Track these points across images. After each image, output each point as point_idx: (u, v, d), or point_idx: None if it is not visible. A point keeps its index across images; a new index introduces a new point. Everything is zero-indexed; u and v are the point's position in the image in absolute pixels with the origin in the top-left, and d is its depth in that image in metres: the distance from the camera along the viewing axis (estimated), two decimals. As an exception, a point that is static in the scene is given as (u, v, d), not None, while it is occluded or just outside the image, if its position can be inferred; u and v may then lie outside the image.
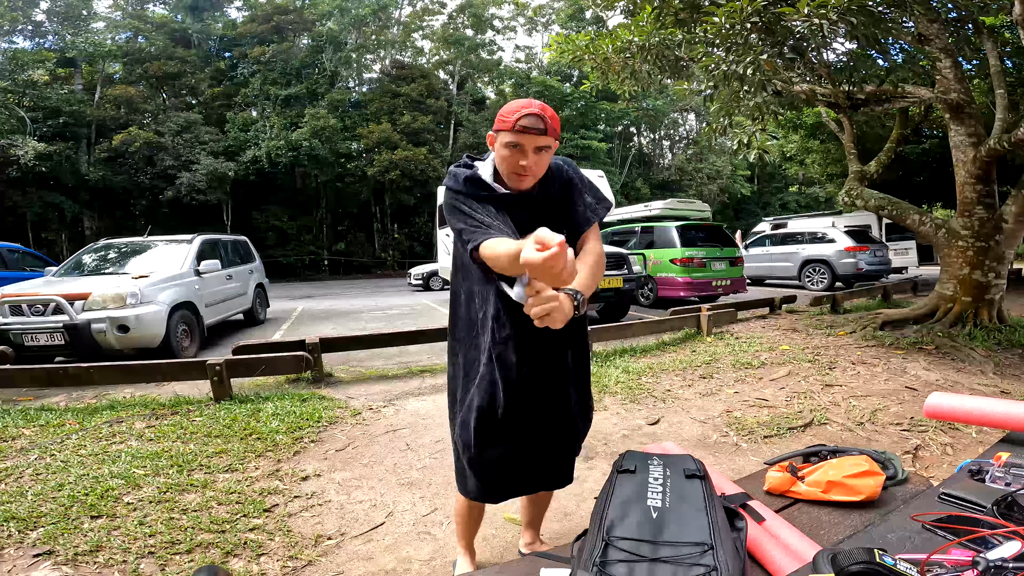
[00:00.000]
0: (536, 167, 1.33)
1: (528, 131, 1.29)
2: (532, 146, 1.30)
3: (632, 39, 4.73)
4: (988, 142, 4.84)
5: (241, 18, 25.92)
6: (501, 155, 1.34)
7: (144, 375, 3.86)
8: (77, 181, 19.64)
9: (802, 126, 11.36)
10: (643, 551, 0.89)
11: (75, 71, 21.14)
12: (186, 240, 6.44)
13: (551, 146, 1.34)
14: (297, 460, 2.63)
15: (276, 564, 1.79)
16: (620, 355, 4.81)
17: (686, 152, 32.75)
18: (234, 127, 21.80)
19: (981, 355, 4.41)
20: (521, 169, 1.32)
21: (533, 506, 1.77)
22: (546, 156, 1.34)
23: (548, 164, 1.39)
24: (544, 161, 1.35)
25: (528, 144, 1.30)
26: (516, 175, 1.35)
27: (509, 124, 1.29)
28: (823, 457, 1.40)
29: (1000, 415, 1.28)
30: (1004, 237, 4.95)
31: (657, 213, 10.58)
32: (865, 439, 2.87)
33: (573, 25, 27.71)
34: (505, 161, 1.34)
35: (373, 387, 4.07)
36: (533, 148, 1.30)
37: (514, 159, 1.32)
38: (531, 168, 1.32)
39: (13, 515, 2.00)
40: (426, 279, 14.19)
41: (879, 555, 0.77)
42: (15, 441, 2.84)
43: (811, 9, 3.42)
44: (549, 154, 1.35)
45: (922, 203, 13.18)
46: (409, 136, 22.53)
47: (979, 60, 6.75)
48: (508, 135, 1.30)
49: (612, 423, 3.15)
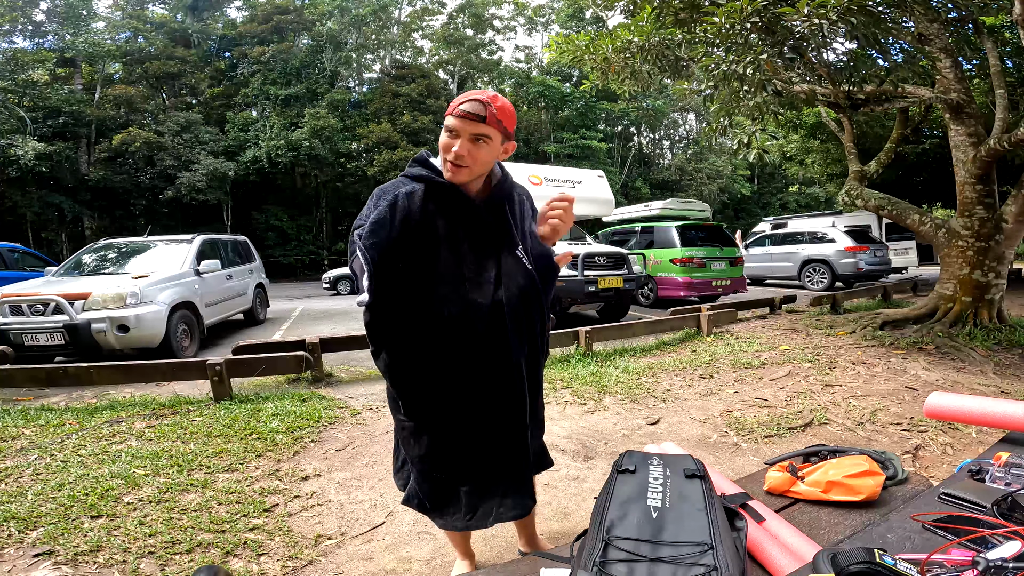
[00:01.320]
0: (469, 157, 1.24)
1: (467, 117, 1.22)
2: (468, 133, 1.23)
3: (632, 39, 4.73)
4: (988, 142, 4.84)
5: (241, 18, 25.92)
6: (440, 142, 1.28)
7: (144, 375, 3.85)
8: (77, 181, 19.64)
9: (802, 126, 11.35)
10: (643, 551, 0.89)
11: (75, 71, 21.14)
12: (186, 240, 6.44)
13: (490, 136, 1.25)
14: (297, 460, 2.63)
15: (276, 564, 1.79)
16: (620, 355, 4.81)
17: (686, 152, 32.75)
18: (234, 127, 21.79)
19: (981, 355, 4.41)
20: (452, 156, 1.24)
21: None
22: (484, 148, 1.25)
23: (486, 160, 1.28)
24: (480, 153, 1.25)
25: (464, 130, 1.23)
26: (449, 164, 1.26)
27: (451, 109, 1.25)
28: (823, 457, 1.41)
29: (1000, 415, 1.28)
30: (1004, 237, 4.95)
31: (657, 213, 10.59)
32: (865, 439, 2.87)
33: (573, 25, 27.71)
34: (442, 148, 1.28)
35: (373, 387, 4.07)
36: (469, 136, 1.23)
37: (448, 144, 1.25)
38: (462, 156, 1.24)
39: (13, 515, 2.00)
40: (333, 282, 13.66)
41: (879, 555, 0.77)
42: (15, 441, 2.84)
43: (811, 9, 3.42)
44: (488, 146, 1.26)
45: (922, 203, 13.19)
46: (409, 136, 22.52)
47: (979, 60, 6.75)
48: (449, 119, 1.26)
49: (612, 423, 3.15)
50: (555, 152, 25.57)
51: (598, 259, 6.82)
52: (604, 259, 6.88)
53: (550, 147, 25.69)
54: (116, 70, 22.60)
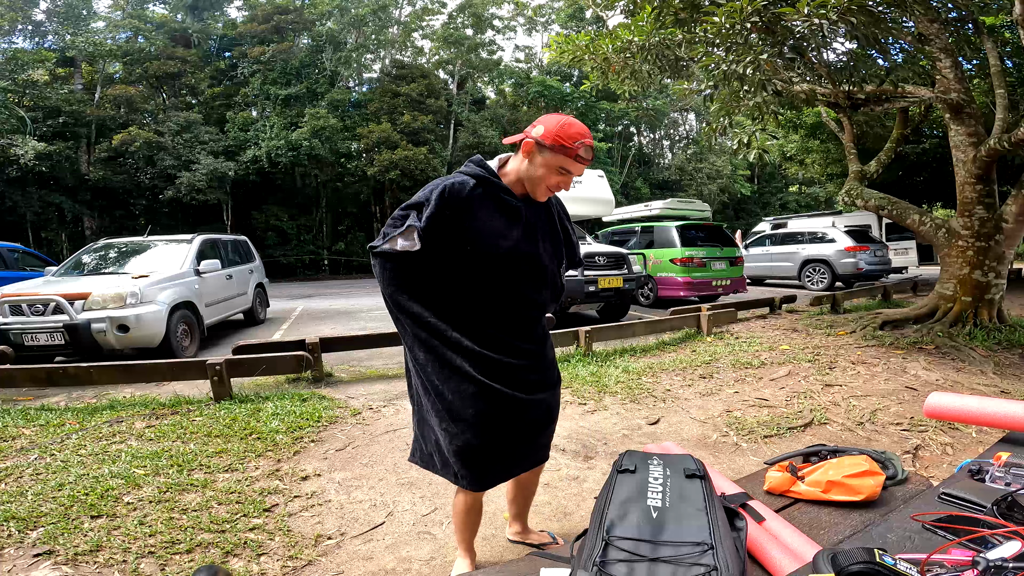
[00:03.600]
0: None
1: (582, 161, 1.37)
2: (578, 173, 1.39)
3: (632, 39, 4.73)
4: (988, 142, 4.84)
5: (241, 18, 25.89)
6: (541, 171, 1.41)
7: (144, 375, 3.85)
8: (77, 181, 19.62)
9: (802, 126, 11.36)
10: (643, 551, 0.89)
11: (75, 71, 21.11)
12: (186, 240, 6.44)
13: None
14: (297, 460, 2.63)
15: (276, 564, 1.79)
16: (620, 355, 4.81)
17: (686, 152, 32.72)
18: (234, 127, 21.76)
19: (981, 355, 4.41)
20: (557, 189, 1.44)
21: (520, 496, 1.81)
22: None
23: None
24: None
25: (577, 172, 1.39)
26: (547, 191, 1.44)
27: (570, 152, 1.35)
28: (823, 457, 1.41)
29: (1000, 415, 1.28)
30: (1004, 237, 4.95)
31: (657, 213, 10.59)
32: (865, 439, 2.87)
33: (573, 25, 27.70)
34: (543, 179, 1.41)
35: (373, 387, 4.07)
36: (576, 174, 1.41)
37: (556, 180, 1.42)
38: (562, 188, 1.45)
39: (13, 515, 2.00)
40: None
41: (879, 555, 0.77)
42: (15, 441, 2.84)
43: (811, 9, 3.41)
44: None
45: (922, 203, 13.20)
46: (409, 136, 22.49)
47: (979, 60, 6.75)
48: (563, 158, 1.37)
49: (612, 423, 3.15)
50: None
51: (598, 259, 6.82)
52: (604, 259, 6.88)
53: (550, 147, 25.63)
54: (116, 70, 22.56)
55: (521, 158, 1.45)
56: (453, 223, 1.38)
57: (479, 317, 1.45)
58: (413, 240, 1.36)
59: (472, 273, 1.42)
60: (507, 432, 1.48)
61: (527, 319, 1.53)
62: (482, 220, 1.41)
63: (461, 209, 1.39)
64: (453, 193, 1.38)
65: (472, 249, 1.40)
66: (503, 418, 1.46)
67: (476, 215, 1.40)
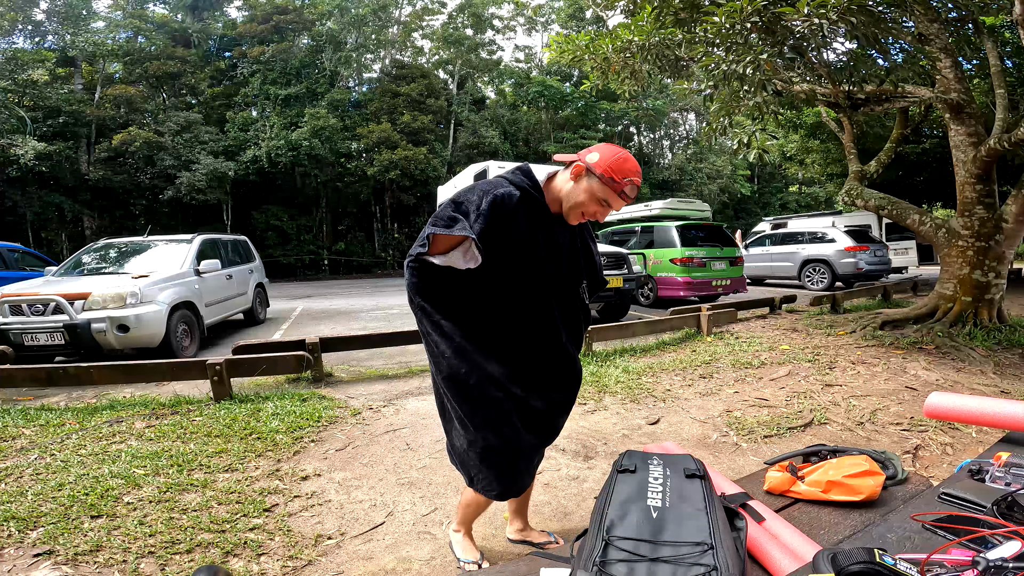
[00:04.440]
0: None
1: (625, 198, 1.38)
2: (617, 208, 1.41)
3: (632, 39, 4.73)
4: (988, 142, 4.84)
5: (241, 18, 25.89)
6: (583, 196, 1.40)
7: (144, 375, 3.85)
8: (77, 181, 19.61)
9: (802, 126, 11.36)
10: (643, 551, 0.89)
11: (75, 71, 21.11)
12: (186, 240, 6.44)
13: None
14: (297, 460, 2.63)
15: (276, 564, 1.79)
16: (620, 355, 4.81)
17: (686, 152, 32.72)
18: (234, 127, 21.77)
19: (981, 355, 4.41)
20: (592, 218, 1.44)
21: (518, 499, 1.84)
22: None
23: None
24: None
25: (616, 207, 1.40)
26: (581, 217, 1.44)
27: (616, 187, 1.36)
28: (823, 457, 1.41)
29: (1000, 415, 1.28)
30: (1004, 237, 4.95)
31: (657, 213, 10.57)
32: (865, 439, 2.87)
33: (573, 25, 27.70)
34: (582, 205, 1.41)
35: (373, 387, 4.07)
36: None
37: (594, 210, 1.41)
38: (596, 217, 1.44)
39: (13, 515, 2.00)
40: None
41: (879, 555, 0.77)
42: (15, 441, 2.84)
43: (811, 9, 3.41)
44: None
45: (922, 203, 13.20)
46: (409, 136, 22.50)
47: (979, 60, 6.75)
48: (608, 190, 1.37)
49: (612, 423, 3.15)
50: (555, 152, 25.49)
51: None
52: (604, 259, 6.87)
53: (550, 147, 25.68)
54: (116, 70, 22.56)
55: (568, 177, 1.43)
56: (495, 236, 1.34)
57: (506, 338, 1.45)
58: (475, 256, 1.32)
59: (502, 288, 1.41)
60: (522, 459, 1.54)
61: (553, 341, 1.51)
62: (519, 234, 1.39)
63: (505, 222, 1.35)
64: (503, 206, 1.34)
65: (504, 263, 1.38)
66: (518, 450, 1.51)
67: (515, 229, 1.38)
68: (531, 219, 1.42)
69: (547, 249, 1.45)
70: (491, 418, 1.44)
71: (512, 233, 1.38)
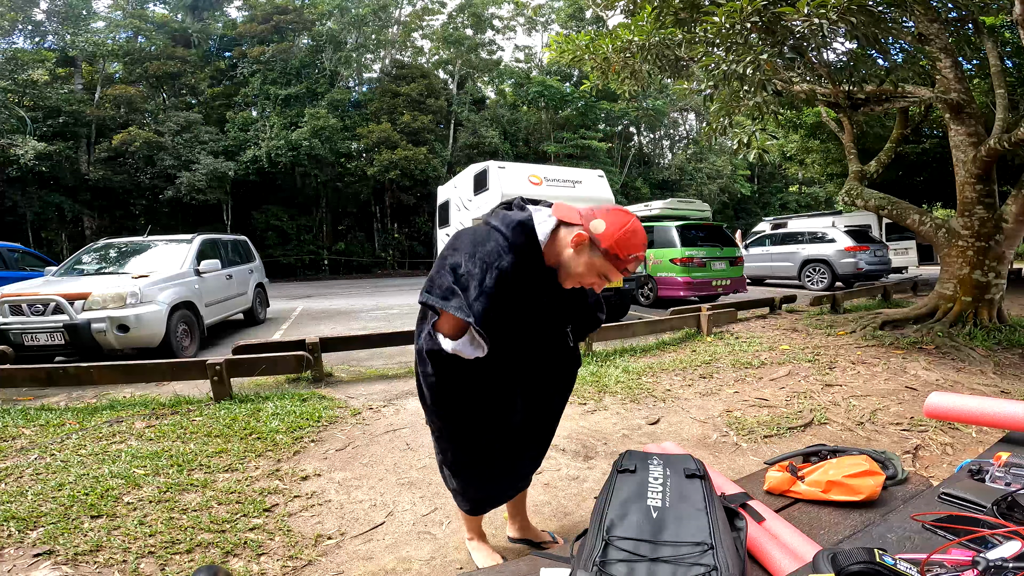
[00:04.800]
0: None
1: (626, 273, 1.33)
2: (616, 280, 1.37)
3: (632, 39, 4.73)
4: (988, 142, 4.84)
5: (241, 18, 25.88)
6: (581, 269, 1.32)
7: (144, 375, 3.85)
8: (77, 181, 19.61)
9: (802, 126, 11.36)
10: (643, 551, 0.89)
11: (75, 71, 21.10)
12: (186, 240, 6.43)
13: None
14: (297, 460, 2.63)
15: (276, 564, 1.79)
16: (620, 355, 4.81)
17: (686, 152, 32.72)
18: (234, 127, 21.76)
19: (981, 355, 4.41)
20: (589, 286, 1.38)
21: (514, 499, 1.87)
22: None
23: None
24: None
25: (615, 280, 1.36)
26: (575, 284, 1.37)
27: (620, 264, 1.29)
28: (823, 457, 1.41)
29: (1000, 415, 1.28)
30: (1004, 237, 4.95)
31: (657, 213, 10.57)
32: (865, 439, 2.87)
33: (573, 25, 27.69)
34: (580, 277, 1.33)
35: (373, 387, 4.07)
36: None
37: (591, 281, 1.34)
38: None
39: (13, 515, 2.00)
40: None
41: (879, 555, 0.77)
42: (15, 441, 2.84)
43: (811, 9, 3.41)
44: None
45: (922, 203, 13.20)
46: (409, 136, 22.50)
47: (979, 60, 6.75)
48: (610, 267, 1.29)
49: (612, 423, 3.15)
50: (555, 152, 25.57)
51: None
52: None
53: (550, 147, 25.69)
54: (116, 70, 22.56)
55: (569, 243, 1.32)
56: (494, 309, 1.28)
57: (496, 377, 1.46)
58: (481, 346, 1.28)
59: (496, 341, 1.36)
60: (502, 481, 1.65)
61: (532, 382, 1.55)
62: (516, 293, 1.33)
63: (505, 292, 1.28)
64: (506, 281, 1.27)
65: (501, 320, 1.33)
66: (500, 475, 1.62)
67: (513, 290, 1.31)
68: (525, 278, 1.33)
69: (535, 302, 1.41)
70: (461, 437, 1.52)
71: (508, 295, 1.30)
